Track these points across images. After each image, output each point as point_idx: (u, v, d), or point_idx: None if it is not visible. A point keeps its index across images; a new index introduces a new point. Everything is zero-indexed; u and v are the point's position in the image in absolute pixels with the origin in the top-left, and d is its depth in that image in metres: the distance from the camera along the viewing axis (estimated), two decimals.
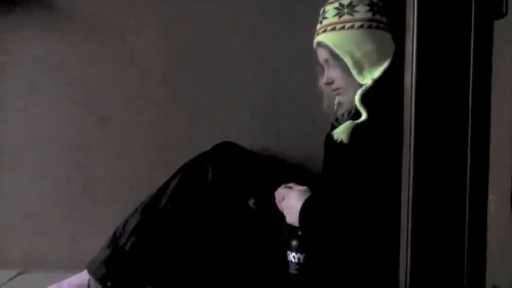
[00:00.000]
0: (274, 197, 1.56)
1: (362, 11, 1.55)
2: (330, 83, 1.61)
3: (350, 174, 1.46)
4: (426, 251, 1.19)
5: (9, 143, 2.06)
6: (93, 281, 1.62)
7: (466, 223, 1.17)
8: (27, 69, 2.04)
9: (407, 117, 1.20)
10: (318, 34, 1.61)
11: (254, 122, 1.99)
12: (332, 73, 1.59)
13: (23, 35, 2.03)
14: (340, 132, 1.49)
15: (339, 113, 1.63)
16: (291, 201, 1.50)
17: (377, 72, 1.50)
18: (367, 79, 1.50)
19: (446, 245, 1.18)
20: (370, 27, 1.54)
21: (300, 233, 1.46)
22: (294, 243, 1.45)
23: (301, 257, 1.44)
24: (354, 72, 1.52)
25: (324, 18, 1.59)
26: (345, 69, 1.54)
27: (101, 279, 1.62)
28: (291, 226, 1.48)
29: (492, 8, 1.13)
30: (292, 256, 1.45)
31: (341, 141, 1.48)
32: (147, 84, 2.02)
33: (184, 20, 2.00)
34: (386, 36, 1.57)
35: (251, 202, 1.55)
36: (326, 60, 1.59)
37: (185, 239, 1.63)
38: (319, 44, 1.60)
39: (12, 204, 2.07)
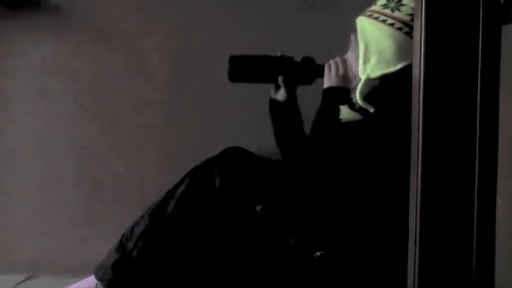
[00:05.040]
0: (281, 203, 1.56)
1: (404, 12, 1.54)
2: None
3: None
4: (434, 257, 1.18)
5: (18, 146, 2.08)
6: (100, 286, 1.62)
7: (474, 228, 1.16)
8: (35, 73, 2.06)
9: (416, 117, 1.19)
10: (362, 15, 1.62)
11: (262, 126, 1.99)
12: (349, 55, 1.63)
13: (32, 39, 2.05)
14: (347, 114, 1.51)
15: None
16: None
17: (375, 73, 1.51)
18: (364, 74, 1.51)
19: (454, 251, 1.18)
20: (399, 29, 1.53)
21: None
22: None
23: None
24: (360, 61, 1.52)
25: (374, 4, 1.60)
26: (357, 57, 1.55)
27: (108, 284, 1.62)
28: None
29: (500, 13, 1.12)
30: None
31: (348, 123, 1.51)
32: (155, 88, 2.03)
33: (192, 24, 2.01)
34: (410, 45, 1.56)
35: (258, 208, 1.55)
36: (351, 41, 1.62)
37: (193, 244, 1.63)
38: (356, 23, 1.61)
39: (20, 208, 2.08)
